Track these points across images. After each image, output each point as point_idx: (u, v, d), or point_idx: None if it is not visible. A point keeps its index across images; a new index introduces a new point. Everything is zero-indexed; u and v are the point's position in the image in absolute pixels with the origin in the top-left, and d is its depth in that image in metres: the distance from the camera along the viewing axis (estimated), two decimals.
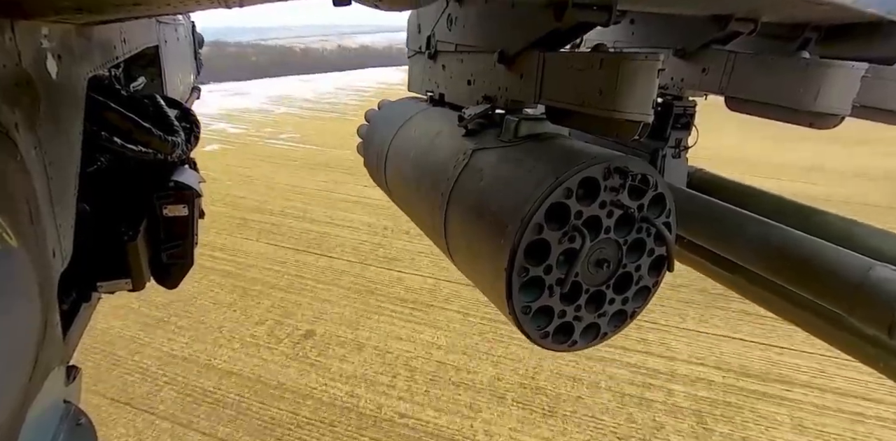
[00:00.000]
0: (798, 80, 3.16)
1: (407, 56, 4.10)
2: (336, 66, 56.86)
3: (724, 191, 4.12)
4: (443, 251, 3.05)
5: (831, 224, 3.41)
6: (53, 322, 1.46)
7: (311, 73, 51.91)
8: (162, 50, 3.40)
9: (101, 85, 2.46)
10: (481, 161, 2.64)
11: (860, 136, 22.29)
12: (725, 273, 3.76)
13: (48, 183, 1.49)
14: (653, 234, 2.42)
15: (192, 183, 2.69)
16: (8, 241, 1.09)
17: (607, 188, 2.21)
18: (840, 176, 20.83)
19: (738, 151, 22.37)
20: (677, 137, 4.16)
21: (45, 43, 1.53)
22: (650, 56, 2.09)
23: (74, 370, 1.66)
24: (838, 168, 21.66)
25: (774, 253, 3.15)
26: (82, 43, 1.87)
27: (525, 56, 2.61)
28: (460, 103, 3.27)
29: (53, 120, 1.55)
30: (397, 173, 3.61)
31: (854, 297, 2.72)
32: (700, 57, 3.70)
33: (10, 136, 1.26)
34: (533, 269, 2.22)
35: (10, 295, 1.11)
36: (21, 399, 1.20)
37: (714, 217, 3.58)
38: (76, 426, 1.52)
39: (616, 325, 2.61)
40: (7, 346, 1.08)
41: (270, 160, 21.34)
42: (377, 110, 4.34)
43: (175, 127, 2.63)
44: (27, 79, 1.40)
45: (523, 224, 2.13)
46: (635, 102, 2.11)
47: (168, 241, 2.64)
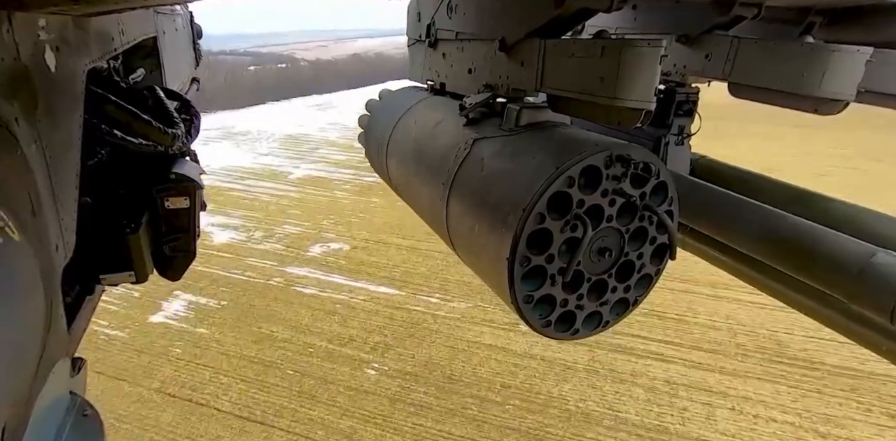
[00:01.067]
0: (802, 66, 3.13)
1: (407, 45, 4.07)
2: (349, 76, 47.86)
3: (728, 178, 4.10)
4: (444, 241, 3.05)
5: (836, 210, 3.39)
6: (58, 315, 1.47)
7: (319, 89, 42.29)
8: (160, 41, 3.37)
9: (100, 77, 2.45)
10: (483, 150, 2.63)
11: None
12: (728, 260, 3.76)
13: (49, 176, 1.49)
14: (655, 223, 2.41)
15: (193, 175, 2.68)
16: (10, 235, 1.09)
17: (609, 177, 2.20)
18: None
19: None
20: (680, 124, 4.13)
21: (42, 35, 1.52)
22: (652, 42, 2.07)
23: (80, 362, 1.67)
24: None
25: (777, 240, 3.14)
26: (80, 35, 1.86)
27: (526, 44, 2.59)
28: (461, 92, 3.25)
29: (53, 113, 1.54)
30: (399, 163, 3.60)
31: (856, 283, 2.72)
32: (703, 43, 3.66)
33: (10, 130, 1.26)
34: (535, 259, 2.22)
35: (13, 289, 1.12)
36: (27, 391, 1.21)
37: (717, 205, 3.57)
38: (82, 417, 1.54)
39: (618, 314, 2.61)
40: (12, 340, 1.09)
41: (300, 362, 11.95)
42: (378, 100, 4.32)
43: (175, 119, 2.61)
44: (26, 72, 1.39)
45: (525, 213, 2.12)
46: (637, 90, 2.09)
47: (170, 234, 2.65)
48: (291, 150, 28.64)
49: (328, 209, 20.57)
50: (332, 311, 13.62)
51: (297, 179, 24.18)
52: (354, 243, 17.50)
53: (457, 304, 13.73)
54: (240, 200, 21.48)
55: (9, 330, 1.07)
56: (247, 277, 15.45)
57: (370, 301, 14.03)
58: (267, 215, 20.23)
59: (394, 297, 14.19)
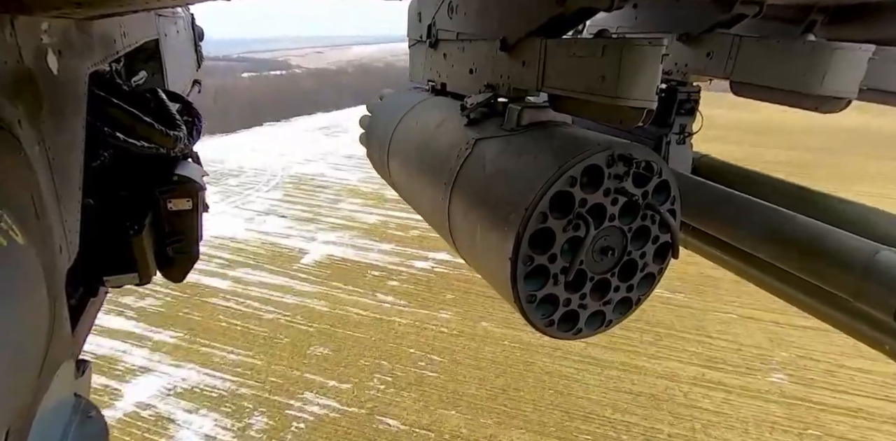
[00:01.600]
0: (804, 64, 3.12)
1: (408, 45, 4.07)
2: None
3: (730, 176, 4.09)
4: (447, 241, 3.05)
5: (838, 208, 3.38)
6: (62, 317, 1.48)
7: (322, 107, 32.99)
8: (162, 43, 3.38)
9: (102, 80, 2.46)
10: (484, 150, 2.63)
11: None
12: (731, 259, 3.75)
13: (52, 179, 1.49)
14: (657, 221, 2.41)
15: (196, 176, 2.69)
16: (14, 237, 1.10)
17: (611, 176, 2.20)
18: None
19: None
20: (682, 123, 4.12)
21: (45, 38, 1.52)
22: (653, 41, 2.07)
23: (84, 364, 1.68)
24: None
25: (779, 238, 3.13)
26: (82, 38, 1.86)
27: (527, 43, 2.59)
28: (462, 92, 3.25)
29: (56, 116, 1.54)
30: (400, 164, 3.60)
31: (860, 281, 2.71)
32: (704, 41, 3.66)
33: (14, 133, 1.26)
34: (538, 258, 2.22)
35: (17, 291, 1.12)
36: (32, 393, 1.21)
37: (719, 203, 3.56)
38: (87, 419, 1.54)
39: (621, 313, 2.61)
40: (16, 342, 1.09)
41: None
42: (379, 101, 4.32)
43: (177, 121, 2.62)
44: (29, 75, 1.40)
45: (528, 213, 2.12)
46: (639, 89, 2.09)
47: (173, 235, 2.66)
48: (300, 206, 20.23)
49: (375, 349, 11.58)
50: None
51: (314, 267, 15.59)
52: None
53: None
54: (224, 322, 12.52)
55: (13, 332, 1.07)
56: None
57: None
58: (271, 363, 11.73)
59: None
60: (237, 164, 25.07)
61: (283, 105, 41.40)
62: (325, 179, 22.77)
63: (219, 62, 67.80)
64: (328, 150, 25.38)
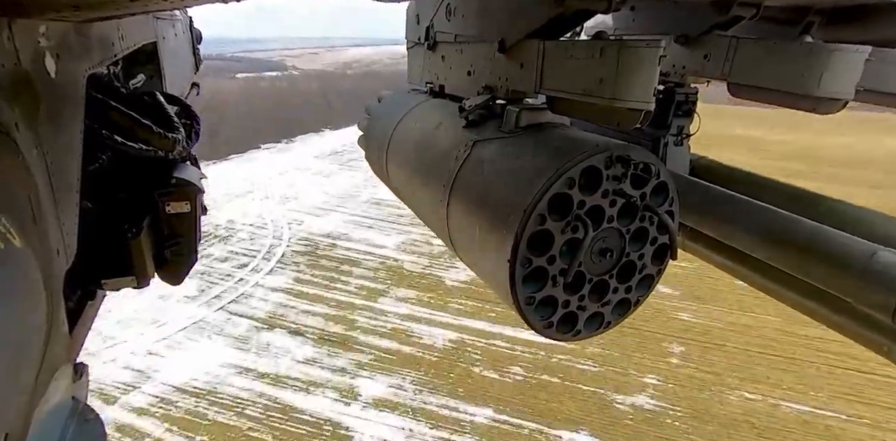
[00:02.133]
0: (801, 65, 3.13)
1: (406, 47, 4.07)
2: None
3: (728, 178, 4.09)
4: (445, 243, 3.05)
5: (835, 210, 3.39)
6: (59, 320, 1.47)
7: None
8: (160, 46, 3.38)
9: (100, 83, 2.46)
10: (483, 152, 2.63)
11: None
12: (728, 261, 3.75)
13: (50, 181, 1.49)
14: (655, 223, 2.41)
15: (194, 179, 2.69)
16: (11, 240, 1.09)
17: (609, 177, 2.21)
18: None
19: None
20: (679, 125, 4.13)
21: (43, 41, 1.52)
22: (651, 43, 2.07)
23: (82, 367, 1.67)
24: None
25: (777, 239, 3.13)
26: (80, 41, 1.86)
27: (525, 45, 2.59)
28: (460, 94, 3.25)
29: (54, 119, 1.54)
30: (399, 166, 3.61)
31: (858, 282, 2.71)
32: (702, 43, 3.66)
33: (11, 136, 1.26)
34: (536, 260, 2.22)
35: (15, 294, 1.12)
36: (29, 397, 1.21)
37: (717, 205, 3.56)
38: (85, 422, 1.54)
39: (620, 314, 2.61)
40: (14, 345, 1.09)
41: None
42: (378, 103, 4.32)
43: (175, 123, 2.63)
44: (26, 78, 1.40)
45: (526, 215, 2.13)
46: (636, 90, 2.09)
47: (171, 238, 2.66)
48: (322, 306, 12.46)
49: None
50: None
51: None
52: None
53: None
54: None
55: (10, 335, 1.07)
56: None
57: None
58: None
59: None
60: (229, 213, 17.77)
61: (283, 119, 35.94)
62: (350, 246, 15.68)
63: (212, 61, 66.61)
64: (347, 192, 19.26)
